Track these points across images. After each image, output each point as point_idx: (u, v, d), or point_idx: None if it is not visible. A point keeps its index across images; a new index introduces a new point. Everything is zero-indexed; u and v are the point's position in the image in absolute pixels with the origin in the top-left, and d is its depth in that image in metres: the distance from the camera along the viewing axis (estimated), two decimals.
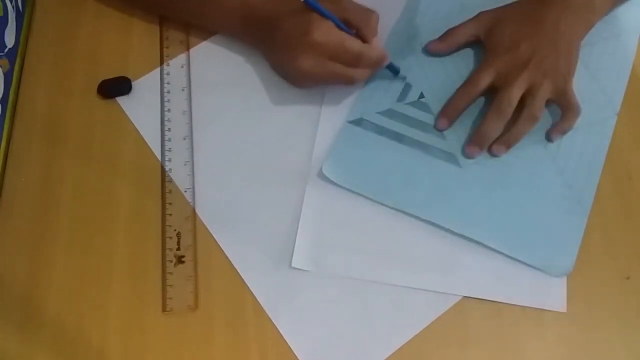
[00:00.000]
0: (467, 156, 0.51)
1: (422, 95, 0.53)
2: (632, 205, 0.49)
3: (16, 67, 0.53)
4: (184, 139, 0.51)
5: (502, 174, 0.50)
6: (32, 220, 0.48)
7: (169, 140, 0.50)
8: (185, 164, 0.50)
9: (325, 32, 0.47)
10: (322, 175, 0.49)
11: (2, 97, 0.50)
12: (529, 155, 0.51)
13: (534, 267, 0.47)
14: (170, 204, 0.48)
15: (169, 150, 0.50)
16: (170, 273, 0.46)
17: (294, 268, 0.46)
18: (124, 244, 0.47)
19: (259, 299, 0.45)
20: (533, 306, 0.45)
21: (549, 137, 0.51)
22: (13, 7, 0.53)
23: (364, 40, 0.49)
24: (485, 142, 0.50)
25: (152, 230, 0.47)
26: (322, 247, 0.47)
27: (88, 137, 0.51)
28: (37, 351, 0.43)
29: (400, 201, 0.48)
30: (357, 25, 0.48)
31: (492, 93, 0.50)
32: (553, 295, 0.46)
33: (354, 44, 0.48)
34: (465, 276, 0.46)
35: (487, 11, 0.54)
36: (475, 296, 0.46)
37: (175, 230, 0.47)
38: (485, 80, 0.50)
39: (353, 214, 0.48)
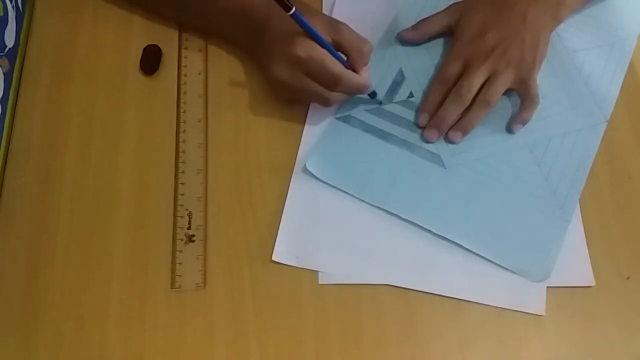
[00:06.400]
0: (426, 140, 0.51)
1: (411, 95, 0.53)
2: (632, 205, 0.49)
3: (16, 67, 0.53)
4: (199, 121, 0.51)
5: (486, 176, 0.50)
6: (32, 220, 0.48)
7: (184, 122, 0.51)
8: (199, 146, 0.50)
9: (308, 48, 0.45)
10: (306, 171, 0.49)
11: (2, 97, 0.50)
12: (515, 159, 0.51)
13: (512, 272, 0.46)
14: (182, 184, 0.49)
15: (184, 131, 0.51)
16: (180, 251, 0.46)
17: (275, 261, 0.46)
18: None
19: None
20: (512, 309, 0.45)
21: (509, 129, 0.52)
22: (13, 7, 0.53)
23: (353, 68, 0.48)
24: (443, 126, 0.51)
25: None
26: (303, 242, 0.47)
27: (88, 134, 0.51)
28: (38, 351, 0.43)
29: (382, 199, 0.48)
30: (349, 53, 0.47)
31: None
32: (532, 298, 0.46)
33: (334, 65, 0.46)
34: (444, 276, 0.46)
35: (458, 2, 0.55)
36: (452, 296, 0.46)
37: (187, 210, 0.48)
38: (454, 69, 0.51)
39: (335, 210, 0.48)
